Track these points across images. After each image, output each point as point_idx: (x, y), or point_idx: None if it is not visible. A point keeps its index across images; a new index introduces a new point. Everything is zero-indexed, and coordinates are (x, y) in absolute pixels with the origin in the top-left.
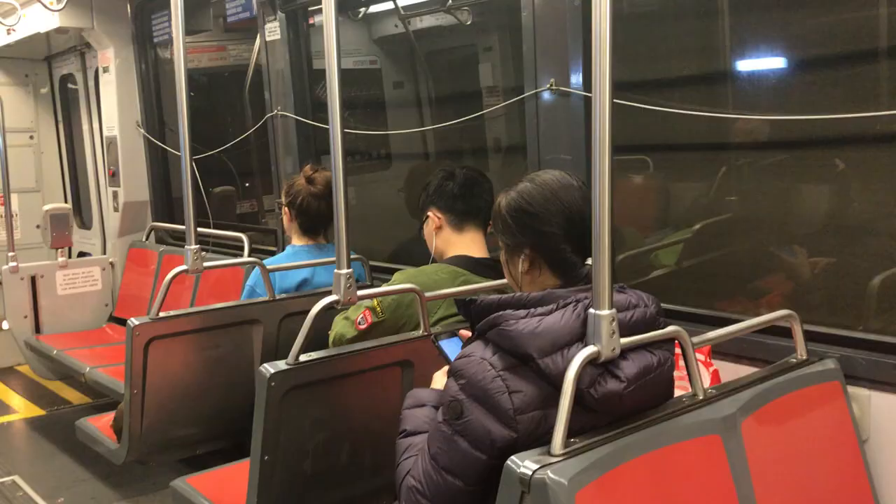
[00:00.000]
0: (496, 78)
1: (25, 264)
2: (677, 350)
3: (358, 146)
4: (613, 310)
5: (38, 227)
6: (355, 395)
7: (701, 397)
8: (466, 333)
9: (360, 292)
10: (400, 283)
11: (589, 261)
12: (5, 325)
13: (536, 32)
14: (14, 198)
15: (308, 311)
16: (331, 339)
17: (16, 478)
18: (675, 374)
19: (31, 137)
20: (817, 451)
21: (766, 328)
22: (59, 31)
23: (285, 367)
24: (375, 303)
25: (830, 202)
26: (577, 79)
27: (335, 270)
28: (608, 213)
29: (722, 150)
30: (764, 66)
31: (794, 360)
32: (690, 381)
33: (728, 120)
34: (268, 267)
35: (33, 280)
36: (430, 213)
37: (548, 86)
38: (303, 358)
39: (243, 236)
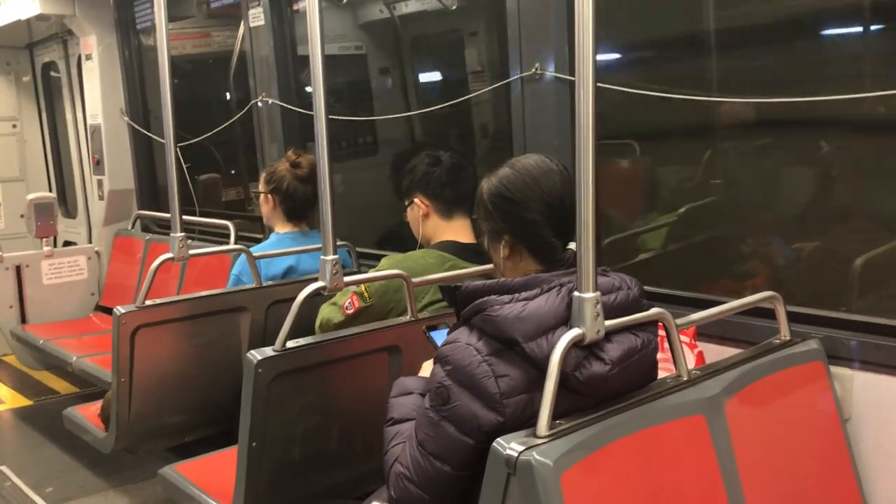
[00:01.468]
0: (482, 63)
1: (10, 254)
2: (661, 332)
3: (344, 133)
4: (598, 292)
5: (22, 216)
6: (343, 380)
7: (685, 378)
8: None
9: (346, 278)
10: (387, 268)
11: (571, 245)
12: None
13: (521, 16)
14: None
15: (295, 298)
16: (317, 324)
17: (3, 468)
18: (660, 355)
19: (14, 126)
20: (800, 430)
21: (749, 310)
22: (40, 18)
23: (272, 353)
24: (363, 288)
25: (816, 185)
26: (562, 63)
27: (321, 257)
28: (592, 196)
29: (708, 134)
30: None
31: (778, 341)
32: (675, 362)
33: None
34: (254, 254)
35: (18, 270)
36: (416, 200)
37: (532, 70)
38: (290, 344)
39: (229, 224)
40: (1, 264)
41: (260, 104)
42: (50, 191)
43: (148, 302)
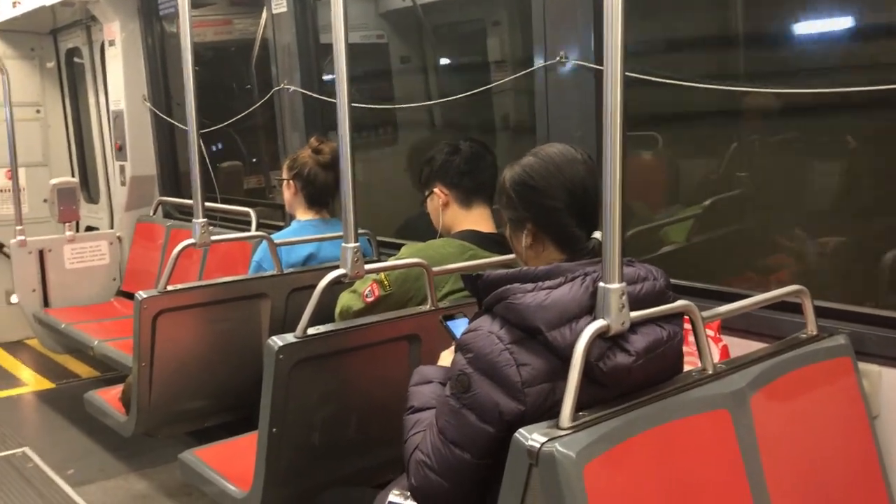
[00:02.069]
0: (504, 52)
1: (33, 238)
2: (686, 325)
3: (364, 121)
4: (623, 283)
5: (45, 201)
6: (363, 368)
7: (710, 372)
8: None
9: (367, 266)
10: (407, 256)
11: (596, 234)
12: (14, 299)
13: (546, 3)
14: (21, 172)
15: (315, 286)
16: (337, 312)
17: (26, 449)
18: (684, 349)
19: (38, 111)
20: (827, 426)
21: (775, 304)
22: (64, 3)
23: (293, 340)
24: (383, 276)
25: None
26: (587, 51)
27: (343, 244)
28: (619, 186)
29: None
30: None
31: (805, 336)
32: (700, 355)
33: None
34: (275, 241)
35: (41, 254)
36: (435, 189)
37: (557, 59)
38: (311, 331)
39: (250, 211)
40: (24, 248)
41: (282, 92)
42: (73, 176)
43: (169, 287)
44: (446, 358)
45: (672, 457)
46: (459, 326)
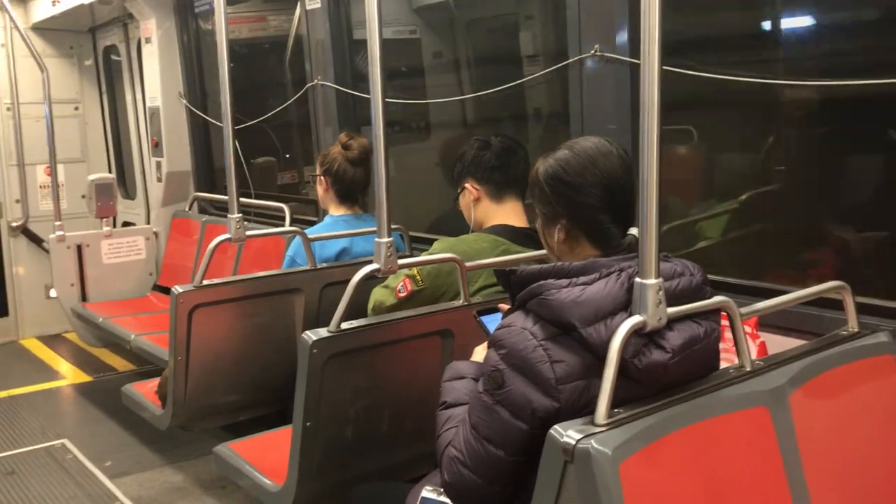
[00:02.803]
0: (537, 46)
1: (72, 233)
2: (724, 321)
3: (396, 117)
4: (660, 279)
5: (83, 196)
6: (395, 363)
7: (748, 369)
8: (507, 307)
9: (400, 261)
10: (440, 251)
11: (632, 230)
12: (53, 293)
13: None
14: (60, 168)
15: (349, 280)
16: (370, 307)
17: (65, 441)
18: (721, 345)
19: (76, 108)
20: (869, 425)
21: (814, 300)
22: (102, 2)
23: (327, 334)
24: (415, 271)
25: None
26: (622, 44)
27: (376, 239)
28: (656, 181)
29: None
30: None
31: (846, 333)
32: (738, 352)
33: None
34: (309, 236)
35: (79, 249)
36: (467, 185)
37: (592, 52)
38: (344, 326)
39: (284, 206)
40: (63, 243)
41: (315, 88)
42: (110, 172)
43: (205, 282)
44: (480, 353)
45: (709, 455)
46: (493, 321)
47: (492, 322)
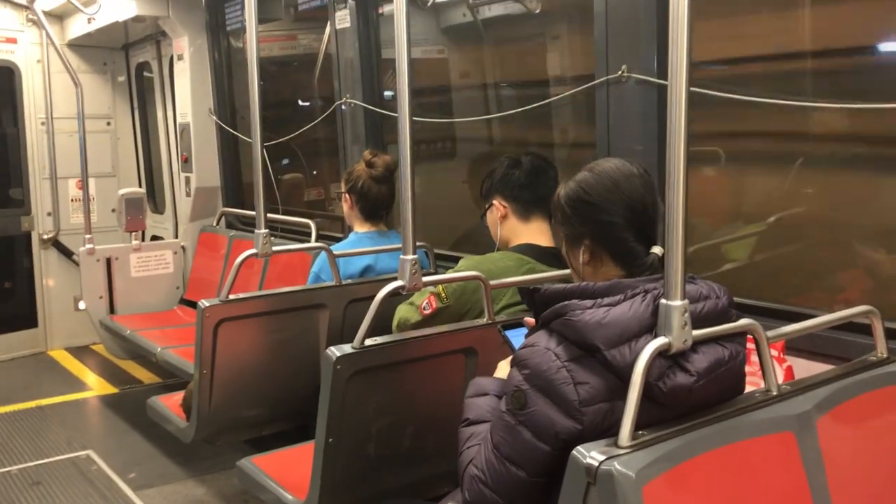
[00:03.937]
0: (565, 67)
1: (101, 247)
2: (750, 345)
3: (422, 135)
4: (686, 300)
5: (113, 210)
6: (419, 380)
7: (775, 393)
8: (532, 321)
9: (424, 278)
10: (465, 269)
11: (655, 249)
12: (82, 305)
13: (609, 17)
14: (91, 182)
15: (373, 297)
16: (394, 324)
17: (90, 452)
18: (747, 368)
19: (109, 124)
20: None
21: (842, 325)
22: (136, 19)
23: (351, 350)
24: (440, 288)
25: None
26: (650, 66)
27: (401, 256)
28: (682, 202)
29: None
30: None
31: (874, 358)
32: (764, 376)
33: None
34: (334, 252)
35: (108, 262)
36: (494, 202)
37: (619, 73)
38: (368, 342)
39: (311, 222)
40: (92, 256)
41: (344, 106)
42: (140, 187)
43: (231, 296)
44: (504, 367)
45: (734, 479)
46: (518, 335)
47: (516, 336)
